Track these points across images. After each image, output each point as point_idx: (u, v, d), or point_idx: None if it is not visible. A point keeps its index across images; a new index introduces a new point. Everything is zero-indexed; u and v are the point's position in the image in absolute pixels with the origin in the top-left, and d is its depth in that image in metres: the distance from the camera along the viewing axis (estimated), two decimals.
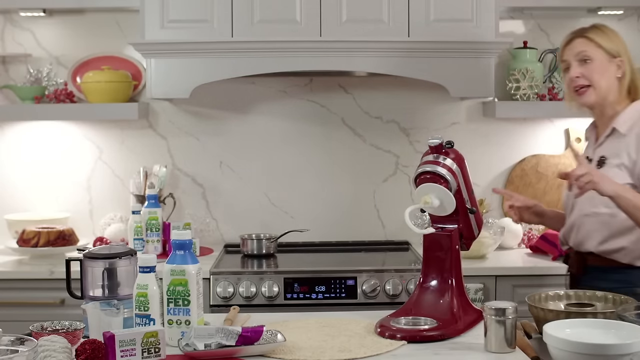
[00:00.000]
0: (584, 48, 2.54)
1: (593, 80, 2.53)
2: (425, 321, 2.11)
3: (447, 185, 2.12)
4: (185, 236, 2.04)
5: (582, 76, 2.54)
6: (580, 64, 2.54)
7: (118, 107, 3.51)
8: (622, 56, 2.55)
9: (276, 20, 3.31)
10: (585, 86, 2.54)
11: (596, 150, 2.58)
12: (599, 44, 2.53)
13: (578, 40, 2.56)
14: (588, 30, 2.56)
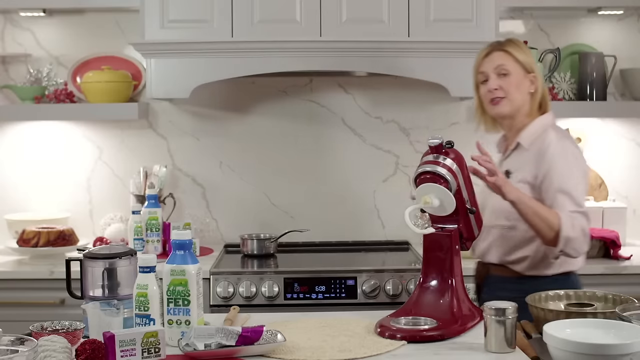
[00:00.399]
0: (503, 62, 2.54)
1: (509, 94, 2.54)
2: (425, 321, 2.11)
3: (447, 185, 2.12)
4: (185, 236, 2.04)
5: (500, 89, 2.54)
6: (498, 76, 2.54)
7: (118, 107, 3.51)
8: (535, 72, 2.57)
9: (276, 20, 3.31)
10: (501, 98, 2.55)
11: (502, 163, 2.62)
12: (517, 59, 2.54)
13: (497, 54, 2.55)
14: (506, 45, 2.57)
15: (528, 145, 2.53)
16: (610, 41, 3.74)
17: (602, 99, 3.61)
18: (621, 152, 3.78)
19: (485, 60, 2.58)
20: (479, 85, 2.62)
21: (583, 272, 3.20)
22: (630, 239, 3.63)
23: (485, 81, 2.57)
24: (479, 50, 2.63)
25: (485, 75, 2.57)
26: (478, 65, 2.60)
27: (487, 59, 2.57)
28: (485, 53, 2.58)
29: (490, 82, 2.55)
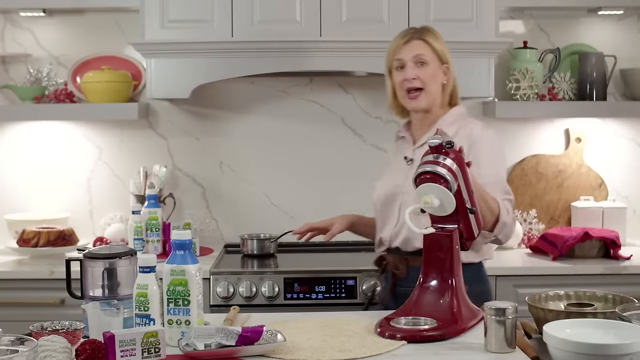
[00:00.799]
0: (422, 51, 2.52)
1: (426, 84, 2.52)
2: (425, 321, 2.11)
3: (447, 185, 2.12)
4: (185, 236, 2.04)
5: (417, 78, 2.52)
6: (416, 65, 2.52)
7: (118, 107, 3.51)
8: (449, 63, 2.56)
9: (276, 20, 3.31)
10: (418, 89, 2.52)
11: (417, 150, 2.57)
12: (435, 49, 2.54)
13: (417, 42, 2.53)
14: (425, 33, 2.55)
15: (452, 134, 2.50)
16: (610, 41, 3.74)
17: (602, 99, 3.61)
18: (621, 152, 3.78)
19: (404, 48, 2.54)
20: (392, 70, 2.59)
21: (583, 272, 3.23)
22: (630, 239, 3.63)
23: (401, 68, 2.54)
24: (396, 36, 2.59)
25: (403, 62, 2.54)
26: (395, 52, 2.56)
27: (406, 47, 2.54)
28: (405, 40, 2.54)
29: (407, 71, 2.52)
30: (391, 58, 2.58)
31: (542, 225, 3.69)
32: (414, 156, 2.56)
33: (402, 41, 2.55)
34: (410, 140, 2.64)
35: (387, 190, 2.60)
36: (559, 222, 3.72)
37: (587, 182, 3.74)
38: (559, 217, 3.73)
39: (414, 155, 2.57)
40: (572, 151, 3.74)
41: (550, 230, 3.47)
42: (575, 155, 3.74)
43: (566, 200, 3.73)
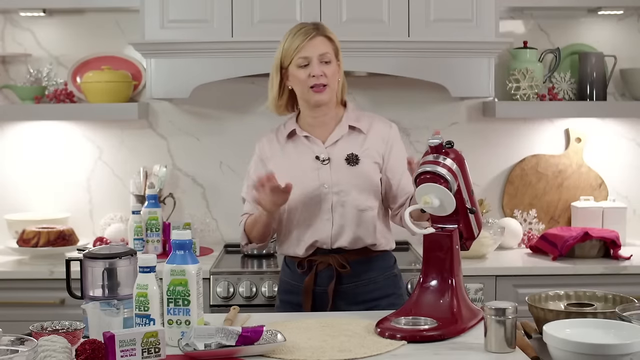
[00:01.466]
0: (327, 50, 2.50)
1: (330, 82, 2.51)
2: (425, 321, 2.11)
3: (447, 185, 2.12)
4: (185, 236, 2.04)
5: (324, 75, 2.49)
6: (321, 63, 2.49)
7: (118, 107, 3.51)
8: (340, 60, 2.57)
9: (276, 20, 3.30)
10: (324, 85, 2.50)
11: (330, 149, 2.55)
12: (336, 46, 2.54)
13: (321, 39, 2.51)
14: (325, 30, 2.53)
15: (367, 130, 2.57)
16: (610, 41, 3.74)
17: (602, 99, 3.61)
18: (621, 152, 3.78)
19: (309, 45, 2.49)
20: (289, 67, 2.53)
21: (583, 272, 3.23)
22: (630, 239, 3.63)
23: (306, 65, 2.49)
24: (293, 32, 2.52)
25: (308, 59, 2.49)
26: (298, 49, 2.49)
27: (311, 44, 2.49)
28: (310, 36, 2.50)
29: (314, 68, 2.48)
30: (292, 55, 2.50)
31: (542, 225, 3.69)
32: (331, 155, 2.54)
33: (306, 38, 2.49)
34: (316, 140, 2.57)
35: (307, 191, 2.53)
36: (559, 222, 3.72)
37: (587, 182, 3.74)
38: (559, 217, 3.73)
39: (330, 155, 2.54)
40: (572, 151, 3.74)
41: (550, 230, 3.47)
42: (575, 155, 3.74)
43: (566, 200, 3.73)
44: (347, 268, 2.55)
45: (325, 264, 2.57)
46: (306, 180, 2.54)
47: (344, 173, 2.53)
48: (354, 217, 2.54)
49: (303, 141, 2.60)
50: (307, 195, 2.54)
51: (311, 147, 2.58)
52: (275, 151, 2.63)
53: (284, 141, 2.62)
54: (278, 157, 2.62)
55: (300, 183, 2.51)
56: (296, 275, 2.61)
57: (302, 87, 2.52)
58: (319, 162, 2.55)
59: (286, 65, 2.53)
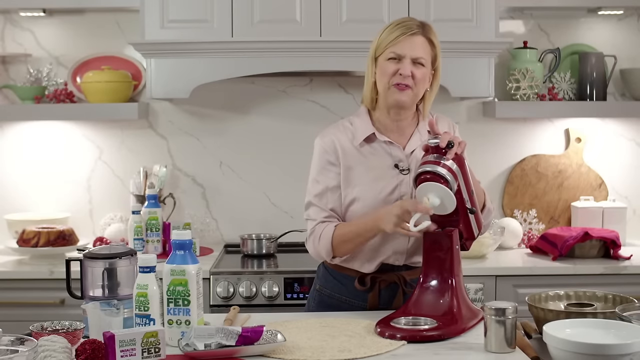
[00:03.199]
0: (423, 54, 2.30)
1: (417, 85, 2.30)
2: (425, 321, 2.11)
3: (448, 185, 2.12)
4: (185, 236, 2.04)
5: (412, 76, 2.28)
6: (412, 63, 2.29)
7: (118, 107, 3.51)
8: (437, 69, 2.38)
9: (276, 20, 3.31)
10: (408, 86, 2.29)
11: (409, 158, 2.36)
12: (435, 52, 2.34)
13: (420, 39, 2.30)
14: (429, 32, 2.33)
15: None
16: (610, 41, 3.74)
17: (602, 99, 3.61)
18: (621, 152, 3.78)
19: (407, 42, 2.28)
20: (378, 57, 2.32)
21: (583, 272, 3.23)
22: (630, 239, 3.63)
23: (397, 60, 2.29)
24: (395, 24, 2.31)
25: (400, 56, 2.28)
26: (394, 41, 2.28)
27: (408, 41, 2.28)
28: (410, 33, 2.29)
29: (404, 66, 2.27)
30: (384, 47, 2.30)
31: (542, 225, 3.69)
32: (410, 164, 2.35)
33: (407, 32, 2.28)
34: (397, 146, 2.36)
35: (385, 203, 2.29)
36: (559, 222, 3.72)
37: (587, 182, 3.74)
38: (559, 217, 3.73)
39: (407, 164, 2.35)
40: (572, 151, 3.74)
41: (550, 230, 3.47)
42: (575, 155, 3.74)
43: (566, 200, 3.73)
44: (413, 287, 2.27)
45: (388, 282, 2.36)
46: (386, 190, 2.32)
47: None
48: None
49: (382, 146, 2.35)
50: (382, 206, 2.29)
51: (390, 154, 2.34)
52: (348, 152, 2.35)
53: (359, 143, 2.35)
54: (351, 160, 2.35)
55: (378, 193, 2.31)
56: (349, 291, 2.38)
57: (385, 82, 2.29)
58: (398, 171, 2.33)
59: (378, 55, 2.32)
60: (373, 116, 2.40)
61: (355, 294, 2.38)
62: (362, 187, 2.32)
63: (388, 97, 2.31)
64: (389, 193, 2.33)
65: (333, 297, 2.43)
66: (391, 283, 2.37)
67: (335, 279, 2.42)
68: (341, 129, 2.39)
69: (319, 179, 2.37)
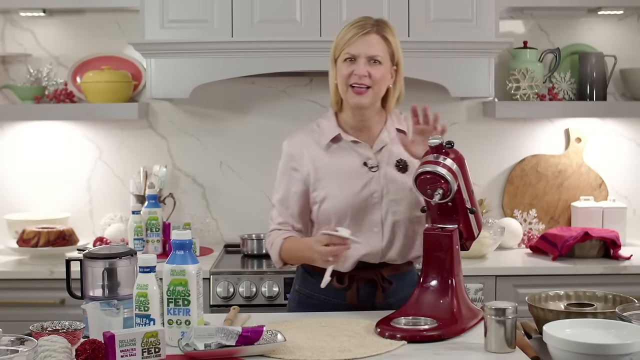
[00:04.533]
0: (378, 51, 2.29)
1: (376, 84, 2.30)
2: (425, 321, 2.11)
3: (448, 185, 2.12)
4: (185, 236, 2.04)
5: (368, 76, 2.28)
6: (368, 62, 2.29)
7: (118, 107, 3.51)
8: (399, 64, 2.36)
9: (276, 20, 3.31)
10: (366, 88, 2.29)
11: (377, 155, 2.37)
12: (392, 48, 2.32)
13: (375, 38, 2.29)
14: (385, 29, 2.32)
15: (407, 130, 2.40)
16: (610, 41, 3.74)
17: (602, 99, 3.61)
18: (621, 152, 3.78)
19: (360, 41, 2.28)
20: (337, 60, 2.33)
21: (583, 272, 3.23)
22: (630, 239, 3.63)
23: (351, 60, 2.30)
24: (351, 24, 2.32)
25: (354, 56, 2.29)
26: (348, 42, 2.29)
27: (362, 41, 2.28)
28: (363, 32, 2.29)
29: (359, 67, 2.28)
30: (340, 48, 2.32)
31: (542, 225, 3.69)
32: (380, 162, 2.36)
33: (360, 32, 2.29)
34: (364, 144, 2.38)
35: (355, 201, 2.33)
36: (559, 222, 3.72)
37: (587, 182, 3.74)
38: (559, 217, 3.73)
39: (376, 162, 2.36)
40: (572, 151, 3.74)
41: (550, 230, 3.47)
42: (575, 155, 3.74)
43: (566, 200, 3.73)
44: (392, 284, 2.36)
45: (366, 280, 2.38)
46: (355, 188, 2.33)
47: (395, 181, 2.34)
48: (405, 229, 2.35)
49: (349, 146, 2.38)
50: (355, 207, 2.32)
51: (358, 153, 2.37)
52: (315, 155, 2.38)
53: (326, 144, 2.38)
54: (319, 162, 2.38)
55: (347, 193, 2.33)
56: (330, 291, 2.33)
57: (342, 84, 2.32)
58: (367, 169, 2.35)
59: (336, 57, 2.34)
60: (340, 117, 2.42)
61: (333, 292, 2.38)
62: (331, 186, 2.34)
63: (348, 100, 2.33)
64: (359, 191, 2.34)
65: (312, 296, 2.44)
66: (369, 280, 2.39)
67: (313, 278, 2.41)
68: (308, 132, 2.43)
69: (281, 184, 2.42)
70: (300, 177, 2.39)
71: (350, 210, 2.33)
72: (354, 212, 2.34)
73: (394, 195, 2.34)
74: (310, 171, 2.38)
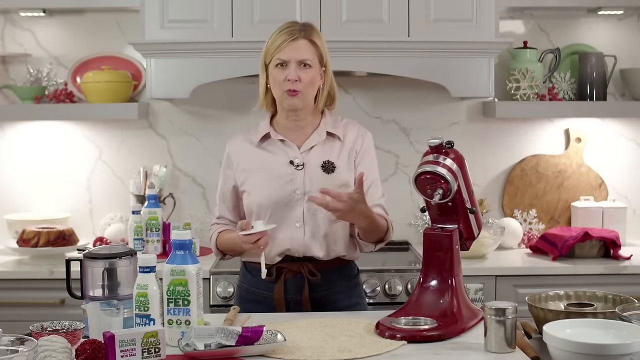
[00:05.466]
0: (308, 56, 2.41)
1: (306, 87, 2.42)
2: (425, 321, 2.11)
3: (448, 185, 2.13)
4: (185, 236, 2.04)
5: (299, 80, 2.40)
6: (299, 66, 2.40)
7: (118, 107, 3.51)
8: (327, 65, 2.47)
9: (276, 20, 3.27)
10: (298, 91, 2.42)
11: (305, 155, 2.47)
12: (319, 51, 2.43)
13: (304, 43, 2.41)
14: (312, 34, 2.44)
15: (343, 136, 2.50)
16: (610, 41, 3.74)
17: (602, 99, 3.62)
18: (621, 152, 3.78)
19: (290, 47, 2.40)
20: (269, 65, 2.46)
21: (583, 272, 3.23)
22: (630, 239, 3.63)
23: (282, 65, 2.42)
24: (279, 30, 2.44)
25: (285, 61, 2.41)
26: (278, 49, 2.41)
27: (291, 46, 2.40)
28: (291, 38, 2.41)
29: (290, 72, 2.40)
30: (272, 54, 2.44)
31: (542, 225, 3.69)
32: (306, 161, 2.46)
33: (288, 38, 2.41)
34: (291, 144, 2.49)
35: (278, 196, 2.44)
36: (559, 222, 3.72)
37: (587, 182, 3.74)
38: (559, 217, 3.73)
39: (304, 161, 2.46)
40: (572, 151, 3.74)
41: (550, 230, 3.47)
42: (575, 155, 3.74)
43: (566, 200, 3.73)
44: (318, 276, 2.45)
45: (293, 272, 2.47)
46: (278, 184, 2.45)
47: (319, 180, 2.43)
48: (326, 226, 2.45)
49: (277, 144, 2.50)
50: (278, 201, 2.44)
51: (285, 151, 2.49)
52: (246, 152, 2.53)
53: (257, 143, 2.52)
54: (249, 159, 2.52)
55: (271, 188, 2.45)
56: (260, 284, 2.47)
57: (276, 89, 2.45)
58: (293, 167, 2.46)
59: (267, 63, 2.47)
60: (274, 118, 2.56)
61: (265, 286, 2.49)
62: (256, 181, 2.48)
63: (283, 103, 2.46)
64: (282, 187, 2.45)
65: (250, 290, 2.55)
66: (297, 273, 2.48)
67: (249, 272, 2.56)
68: (245, 132, 2.60)
69: (220, 181, 2.61)
70: (232, 174, 2.56)
71: (272, 205, 2.45)
72: (275, 207, 2.45)
73: (316, 194, 2.40)
74: (241, 167, 2.53)
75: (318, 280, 2.47)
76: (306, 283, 2.47)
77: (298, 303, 2.48)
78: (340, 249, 2.50)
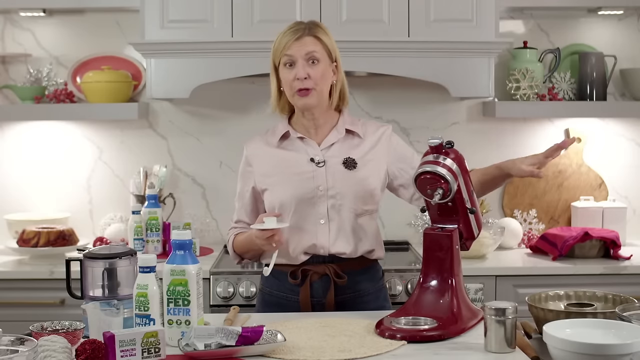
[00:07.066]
0: (314, 48, 2.39)
1: (317, 84, 2.40)
2: (425, 321, 2.11)
3: (448, 185, 2.13)
4: (185, 236, 2.04)
5: (309, 77, 2.39)
6: (307, 63, 2.39)
7: (118, 107, 3.51)
8: (338, 60, 2.47)
9: (276, 20, 3.30)
10: (310, 89, 2.40)
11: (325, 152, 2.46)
12: (326, 46, 2.43)
13: (309, 39, 2.40)
14: (316, 30, 2.43)
15: (363, 134, 2.51)
16: (610, 41, 3.74)
17: (602, 99, 3.62)
18: (621, 152, 3.78)
19: (296, 44, 2.39)
20: (279, 67, 2.44)
21: (583, 272, 3.23)
22: (630, 239, 3.64)
23: (291, 65, 2.40)
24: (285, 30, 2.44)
25: (293, 59, 2.39)
26: (285, 48, 2.40)
27: (297, 43, 2.39)
28: (296, 37, 2.40)
29: (298, 70, 2.38)
30: (279, 54, 2.42)
31: (542, 225, 3.69)
32: (327, 158, 2.45)
33: (293, 37, 2.40)
34: (311, 141, 2.48)
35: (300, 193, 2.42)
36: (559, 222, 3.72)
37: (587, 182, 3.74)
38: (559, 217, 3.73)
39: (325, 157, 2.45)
40: (572, 151, 3.74)
41: (550, 230, 3.47)
42: (575, 155, 3.74)
43: (566, 200, 3.73)
44: (344, 278, 2.42)
45: (319, 274, 2.44)
46: (300, 182, 2.43)
47: (341, 177, 2.42)
48: (351, 222, 2.43)
49: (297, 143, 2.49)
50: (301, 198, 2.42)
51: (306, 149, 2.47)
52: (265, 153, 2.51)
53: (276, 143, 2.50)
54: (268, 159, 2.50)
55: (293, 185, 2.42)
56: (285, 287, 2.46)
57: (288, 90, 2.43)
58: (314, 165, 2.44)
59: (277, 65, 2.45)
60: (292, 118, 2.54)
61: (290, 289, 2.46)
62: (277, 179, 2.46)
63: (296, 103, 2.45)
64: (304, 184, 2.43)
65: (272, 294, 2.52)
66: (323, 275, 2.44)
67: (273, 276, 2.48)
68: (263, 135, 2.57)
69: (239, 185, 2.59)
70: (252, 176, 2.53)
71: (296, 202, 2.43)
72: (298, 204, 2.43)
73: (339, 189, 2.42)
74: (261, 168, 2.51)
75: (344, 283, 2.43)
76: (332, 285, 2.44)
77: (323, 306, 2.44)
78: (367, 245, 2.46)
